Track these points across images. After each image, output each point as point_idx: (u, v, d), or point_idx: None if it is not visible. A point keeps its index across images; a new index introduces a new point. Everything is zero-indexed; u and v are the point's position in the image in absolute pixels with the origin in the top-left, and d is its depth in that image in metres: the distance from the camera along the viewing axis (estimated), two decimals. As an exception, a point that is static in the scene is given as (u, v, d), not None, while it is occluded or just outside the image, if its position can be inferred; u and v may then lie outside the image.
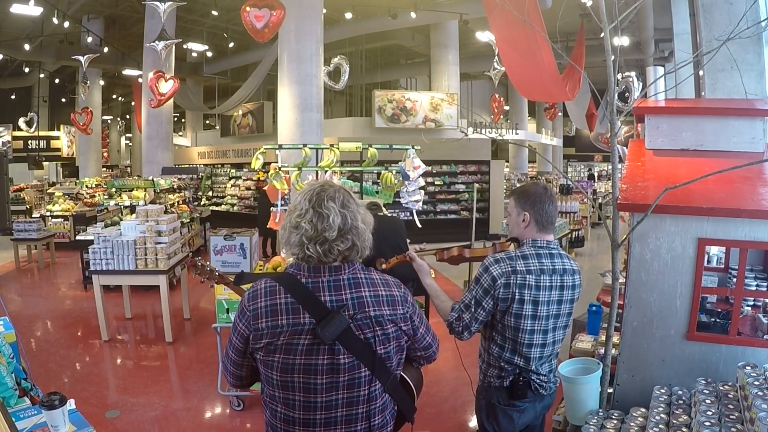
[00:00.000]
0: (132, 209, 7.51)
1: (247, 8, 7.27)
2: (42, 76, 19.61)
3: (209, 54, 18.35)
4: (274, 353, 1.47)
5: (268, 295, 1.49)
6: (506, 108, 20.47)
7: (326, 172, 5.62)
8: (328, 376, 1.47)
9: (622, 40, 13.58)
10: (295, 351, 1.46)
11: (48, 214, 11.14)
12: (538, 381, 2.11)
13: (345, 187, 1.59)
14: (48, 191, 14.17)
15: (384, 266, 2.35)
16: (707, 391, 1.98)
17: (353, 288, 1.51)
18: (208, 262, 2.84)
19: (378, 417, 1.56)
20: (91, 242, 5.76)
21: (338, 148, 5.46)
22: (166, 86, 9.74)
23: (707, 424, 1.75)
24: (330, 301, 1.48)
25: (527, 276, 2.02)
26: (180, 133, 25.58)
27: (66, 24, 13.45)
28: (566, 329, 2.18)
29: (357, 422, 1.52)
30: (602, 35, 2.35)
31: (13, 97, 21.81)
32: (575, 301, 2.17)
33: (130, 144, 29.56)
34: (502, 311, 2.04)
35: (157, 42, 8.94)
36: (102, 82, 19.08)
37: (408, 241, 4.83)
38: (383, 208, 5.33)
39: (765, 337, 2.32)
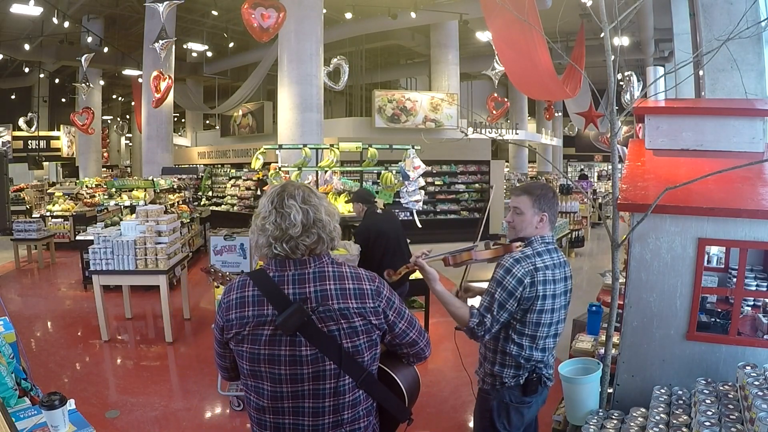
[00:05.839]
0: (132, 209, 7.51)
1: (249, 7, 7.24)
2: (42, 76, 19.59)
3: (209, 54, 18.34)
4: (242, 343, 1.53)
5: (240, 288, 1.57)
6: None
7: (326, 172, 5.63)
8: (291, 367, 1.50)
9: (622, 40, 13.58)
10: (260, 341, 1.51)
11: (48, 214, 11.13)
12: (547, 374, 2.21)
13: (307, 185, 1.64)
14: (48, 191, 14.15)
15: (393, 277, 2.21)
16: (707, 391, 1.98)
17: (318, 281, 1.54)
18: (220, 268, 2.93)
19: (348, 411, 1.56)
20: (91, 242, 5.76)
21: (338, 148, 5.46)
22: (163, 85, 9.82)
23: (707, 424, 1.75)
24: (293, 294, 1.52)
25: (546, 272, 2.12)
26: (180, 133, 25.57)
27: (66, 24, 13.44)
28: (566, 320, 2.30)
29: (324, 415, 1.54)
30: (602, 35, 2.35)
31: (13, 97, 21.80)
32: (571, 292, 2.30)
33: (130, 144, 29.55)
34: (524, 310, 2.10)
35: (158, 42, 8.96)
36: (102, 82, 19.08)
37: (408, 241, 4.83)
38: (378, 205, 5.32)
39: (765, 337, 2.32)
